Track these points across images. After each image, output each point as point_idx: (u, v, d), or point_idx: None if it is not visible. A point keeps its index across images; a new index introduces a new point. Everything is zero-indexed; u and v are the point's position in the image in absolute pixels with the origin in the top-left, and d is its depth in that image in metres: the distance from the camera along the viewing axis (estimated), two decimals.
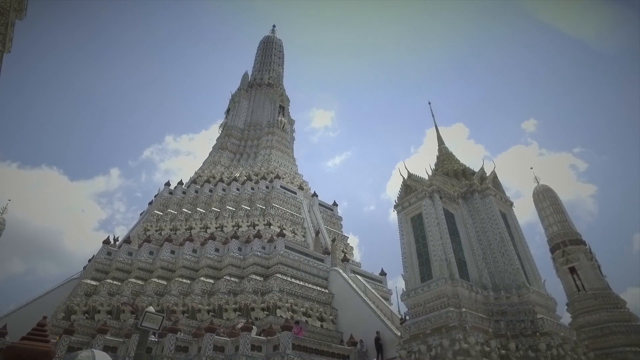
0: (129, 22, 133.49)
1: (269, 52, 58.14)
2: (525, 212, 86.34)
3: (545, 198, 28.52)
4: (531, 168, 38.56)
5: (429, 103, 25.29)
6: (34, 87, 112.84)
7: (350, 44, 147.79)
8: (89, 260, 28.88)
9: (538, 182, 29.56)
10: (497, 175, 20.60)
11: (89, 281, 24.87)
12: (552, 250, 27.09)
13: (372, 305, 22.29)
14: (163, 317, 9.61)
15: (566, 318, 23.75)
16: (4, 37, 13.10)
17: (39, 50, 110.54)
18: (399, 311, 21.72)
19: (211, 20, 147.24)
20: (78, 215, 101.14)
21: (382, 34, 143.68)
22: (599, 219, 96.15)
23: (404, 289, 16.02)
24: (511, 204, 19.84)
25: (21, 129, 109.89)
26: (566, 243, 26.46)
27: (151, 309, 9.75)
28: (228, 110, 51.72)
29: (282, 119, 49.40)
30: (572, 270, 25.59)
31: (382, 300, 24.07)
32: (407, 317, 15.89)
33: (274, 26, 62.92)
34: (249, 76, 55.84)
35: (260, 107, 50.43)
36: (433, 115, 24.97)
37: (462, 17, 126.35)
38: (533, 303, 15.07)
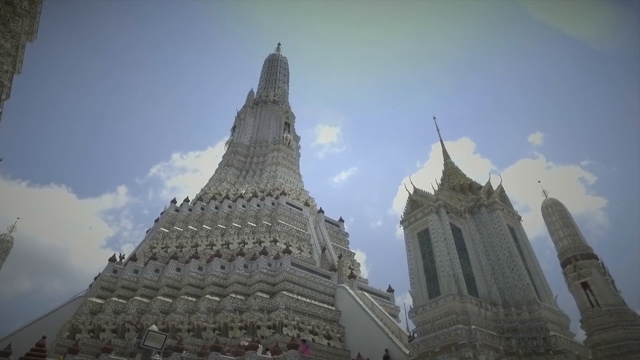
0: (136, 43, 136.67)
1: (274, 69, 58.97)
2: (534, 227, 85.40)
3: (554, 212, 28.07)
4: (539, 181, 38.22)
5: (434, 118, 25.37)
6: (43, 107, 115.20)
7: (355, 60, 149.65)
8: (95, 278, 28.84)
9: (546, 196, 29.17)
10: (504, 189, 20.41)
11: (94, 299, 24.77)
12: (563, 265, 26.51)
13: (380, 323, 21.89)
14: (166, 336, 9.48)
15: (580, 335, 23.09)
16: (15, 59, 13.45)
17: (48, 71, 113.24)
18: (408, 328, 21.28)
19: (217, 39, 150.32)
20: (85, 233, 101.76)
21: (386, 49, 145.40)
22: (611, 233, 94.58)
23: (412, 306, 15.73)
24: (519, 218, 19.57)
25: (31, 148, 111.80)
26: (577, 257, 25.89)
27: (154, 327, 9.63)
28: (234, 128, 52.20)
29: (288, 135, 49.72)
30: (585, 285, 24.96)
31: (390, 317, 23.65)
32: (416, 335, 15.55)
33: (279, 44, 64.00)
34: (255, 94, 56.52)
35: (265, 124, 50.86)
36: (438, 130, 24.99)
37: (465, 31, 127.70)
38: (545, 319, 14.68)
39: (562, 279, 26.66)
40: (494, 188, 20.03)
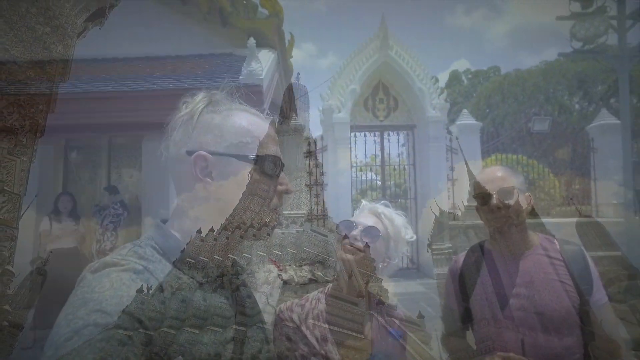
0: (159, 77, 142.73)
1: (295, 98, 60.53)
2: None
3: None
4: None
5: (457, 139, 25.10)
6: None
7: None
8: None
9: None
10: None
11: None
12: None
13: (412, 351, 21.03)
14: None
15: None
16: (49, 99, 14.32)
17: None
18: (440, 357, 20.36)
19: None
20: None
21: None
22: None
23: (444, 332, 15.04)
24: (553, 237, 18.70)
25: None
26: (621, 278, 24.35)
27: (180, 358, 9.46)
28: None
29: (310, 162, 50.36)
30: None
31: (422, 344, 22.73)
32: None
33: (298, 74, 65.63)
34: (276, 123, 57.91)
35: (287, 152, 51.77)
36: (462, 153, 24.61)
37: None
38: None
39: None
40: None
